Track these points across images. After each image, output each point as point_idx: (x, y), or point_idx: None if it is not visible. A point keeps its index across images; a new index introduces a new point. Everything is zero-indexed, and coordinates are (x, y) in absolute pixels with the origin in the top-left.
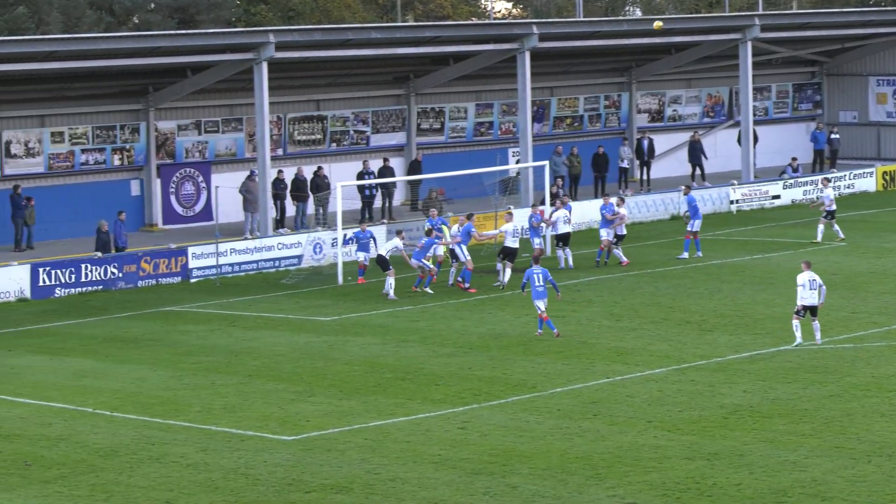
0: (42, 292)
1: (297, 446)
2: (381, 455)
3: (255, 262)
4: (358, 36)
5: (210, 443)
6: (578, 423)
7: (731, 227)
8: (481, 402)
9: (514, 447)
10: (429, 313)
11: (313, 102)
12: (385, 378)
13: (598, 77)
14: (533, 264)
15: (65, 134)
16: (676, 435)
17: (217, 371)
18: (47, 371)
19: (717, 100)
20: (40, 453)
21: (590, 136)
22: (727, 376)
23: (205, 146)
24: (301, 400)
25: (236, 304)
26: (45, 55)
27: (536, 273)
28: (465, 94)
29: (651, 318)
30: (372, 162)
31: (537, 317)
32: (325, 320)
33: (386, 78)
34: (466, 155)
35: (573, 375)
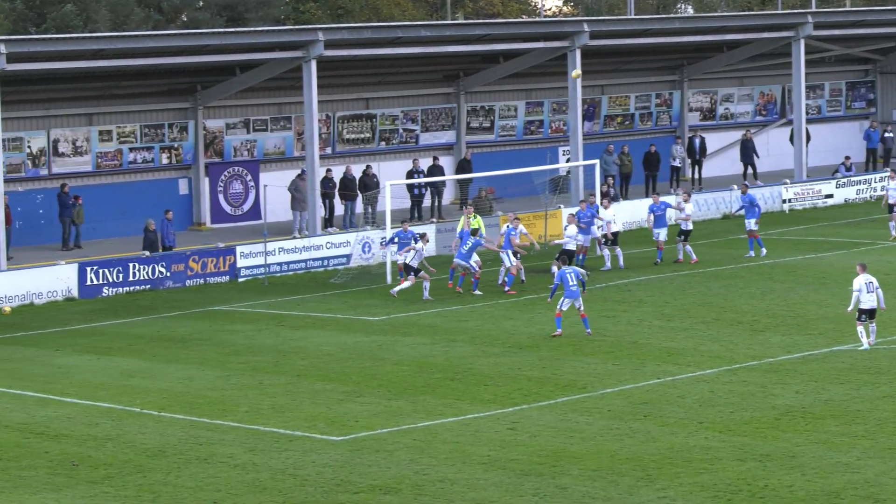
0: (89, 291)
1: (346, 447)
2: (429, 456)
3: (303, 261)
4: (407, 34)
5: (258, 443)
6: (629, 423)
7: (784, 226)
8: (531, 403)
9: (563, 448)
10: (478, 313)
11: (362, 101)
12: (434, 378)
13: (650, 75)
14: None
15: (113, 132)
16: (728, 436)
17: (265, 371)
18: (94, 371)
19: (770, 98)
20: (87, 453)
21: (641, 135)
22: (779, 377)
23: (253, 145)
24: (349, 400)
25: (284, 303)
26: (93, 53)
27: (569, 273)
28: (516, 92)
29: (702, 318)
30: (422, 160)
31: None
32: (373, 320)
33: (435, 76)
34: (516, 153)
35: (624, 376)
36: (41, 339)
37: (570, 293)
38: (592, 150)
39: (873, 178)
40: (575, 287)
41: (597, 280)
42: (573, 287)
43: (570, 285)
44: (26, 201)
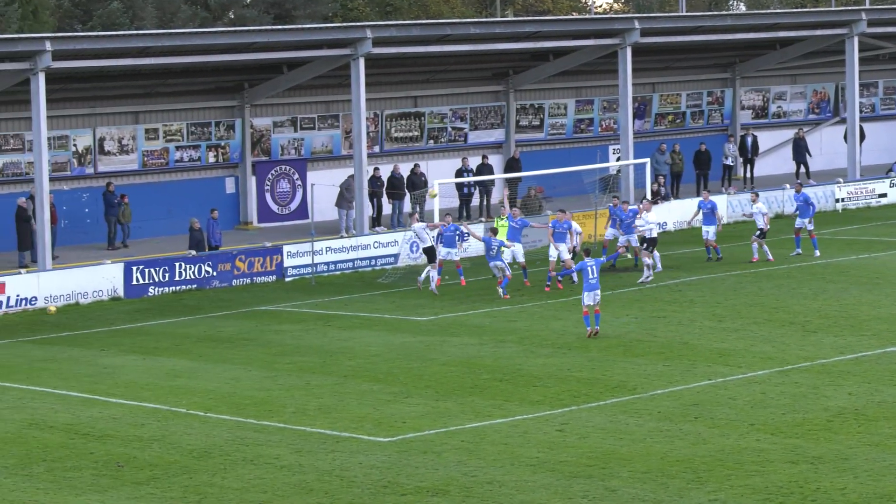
0: (135, 291)
1: (393, 448)
2: (477, 457)
3: (350, 260)
4: (456, 31)
5: (304, 444)
6: (679, 425)
7: (837, 225)
8: (580, 404)
9: (613, 450)
10: (527, 313)
11: (411, 99)
12: (482, 379)
13: (701, 73)
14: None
15: (159, 131)
16: (779, 438)
17: (312, 371)
18: (140, 371)
19: (823, 96)
20: (133, 454)
21: (692, 133)
22: (832, 378)
23: (300, 143)
24: (397, 401)
25: (332, 303)
26: (140, 51)
27: (590, 265)
28: (565, 90)
29: (754, 319)
30: (471, 159)
31: (583, 313)
32: (421, 320)
33: (484, 74)
34: (566, 152)
35: (674, 377)
36: (87, 339)
37: (588, 286)
38: (643, 148)
39: None
40: (594, 280)
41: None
42: (592, 280)
43: (590, 278)
44: (72, 200)
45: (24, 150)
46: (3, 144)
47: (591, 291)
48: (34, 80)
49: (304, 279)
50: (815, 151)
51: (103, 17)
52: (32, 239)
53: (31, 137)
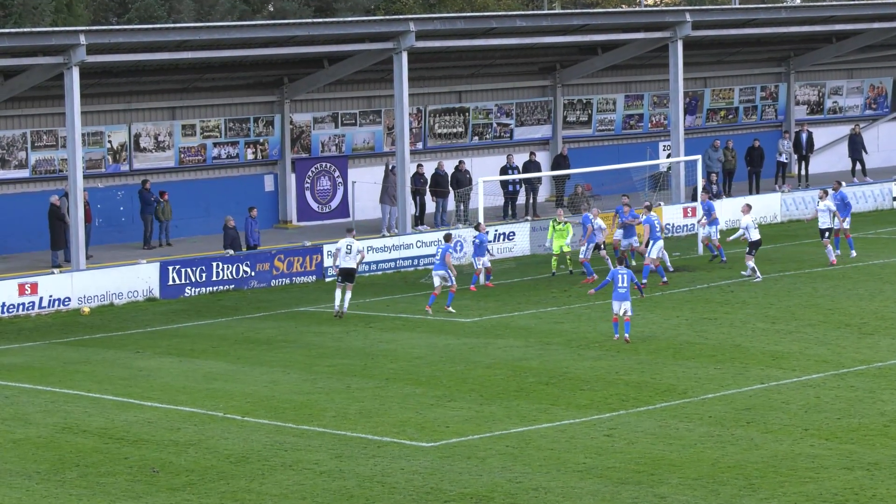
0: (171, 291)
1: (436, 453)
2: (523, 463)
3: (392, 260)
4: (502, 24)
5: (345, 449)
6: (731, 430)
7: (895, 224)
8: (628, 408)
9: (662, 455)
10: (573, 314)
11: (455, 94)
12: (528, 382)
13: (755, 67)
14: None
15: (196, 127)
16: (834, 443)
17: (353, 374)
18: (176, 373)
19: (881, 91)
20: (168, 459)
21: (745, 129)
22: (889, 382)
23: (342, 139)
24: (440, 405)
25: (373, 304)
26: (177, 44)
27: (622, 274)
28: (614, 84)
29: (808, 321)
30: (516, 156)
31: (612, 320)
32: (465, 321)
33: (531, 68)
34: (615, 149)
35: (725, 380)
36: (121, 340)
37: (617, 295)
38: (694, 145)
39: None
40: (624, 290)
41: (698, 280)
42: (622, 289)
43: (619, 287)
44: (107, 198)
45: (58, 147)
46: (37, 141)
47: (620, 301)
48: (68, 74)
49: None
50: (871, 148)
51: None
52: (66, 238)
53: (64, 134)
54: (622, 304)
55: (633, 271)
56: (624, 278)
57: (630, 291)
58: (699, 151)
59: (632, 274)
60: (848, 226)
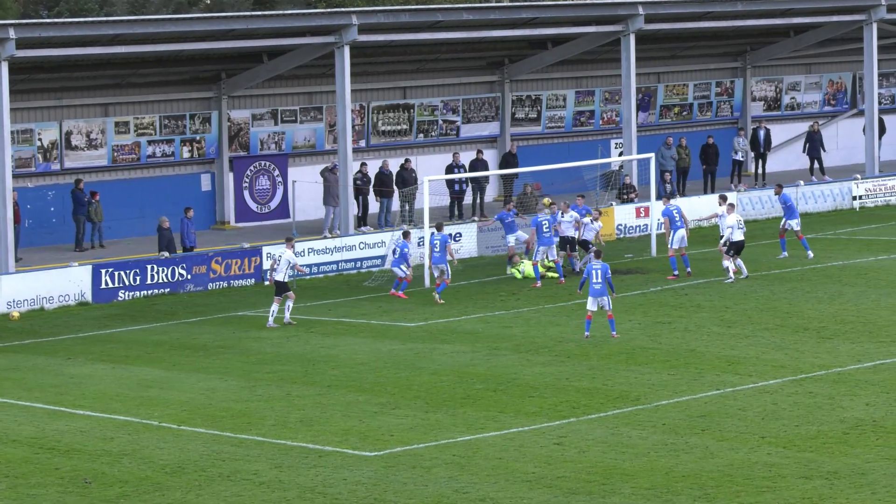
0: (104, 295)
1: (380, 463)
2: (470, 473)
3: (334, 262)
4: (448, 17)
5: (285, 459)
6: (685, 438)
7: (854, 225)
8: (579, 416)
9: (614, 464)
10: (522, 319)
11: (399, 90)
12: (475, 389)
13: (710, 62)
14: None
15: (130, 124)
16: (792, 452)
17: (293, 381)
18: (109, 381)
19: (840, 86)
20: (101, 470)
21: (700, 126)
22: (848, 388)
23: (281, 137)
24: (384, 412)
25: (314, 308)
26: (110, 39)
27: (596, 269)
28: (564, 80)
29: (765, 325)
30: (463, 154)
31: (586, 317)
32: (410, 326)
33: (478, 63)
34: (565, 147)
35: (680, 387)
36: (52, 346)
37: (593, 291)
38: (647, 142)
39: None
40: (599, 285)
41: (652, 283)
42: (597, 285)
43: (595, 282)
44: (37, 198)
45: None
46: None
47: (595, 297)
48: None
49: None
50: (830, 146)
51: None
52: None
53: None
54: (598, 300)
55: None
56: (598, 273)
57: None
58: (652, 149)
59: (606, 268)
60: (798, 227)
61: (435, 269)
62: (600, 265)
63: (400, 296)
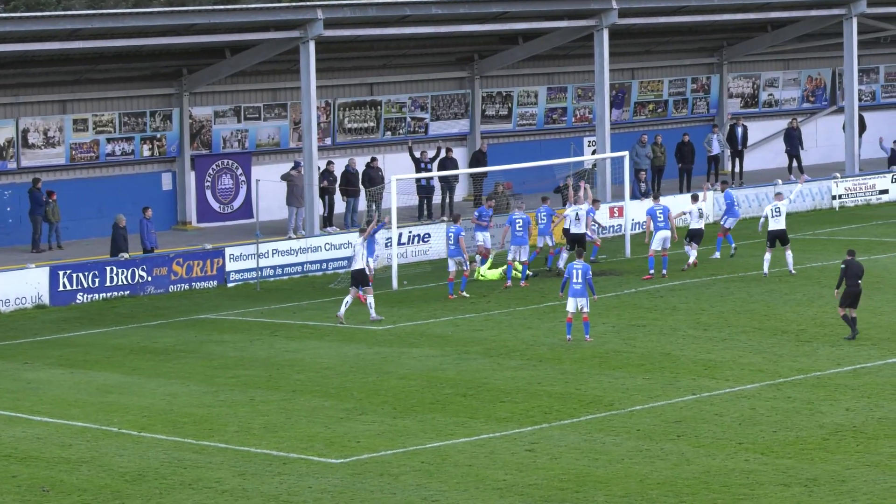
0: (62, 298)
1: (346, 470)
2: (439, 480)
3: (299, 264)
4: (416, 12)
5: (248, 466)
6: (660, 444)
7: (833, 225)
8: (551, 422)
9: (588, 471)
10: (493, 322)
11: (366, 86)
12: (444, 394)
13: (685, 57)
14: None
15: (89, 121)
16: (770, 458)
17: (257, 386)
18: (68, 386)
19: (819, 83)
20: (59, 478)
21: (675, 124)
22: (828, 392)
23: (245, 135)
24: (350, 418)
25: (279, 311)
26: (68, 34)
27: (577, 268)
28: (536, 76)
29: (742, 328)
30: (431, 152)
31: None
32: (377, 329)
33: (447, 59)
34: (537, 144)
35: (655, 391)
36: (8, 350)
37: (572, 291)
38: (621, 140)
39: None
40: (579, 285)
41: (626, 285)
42: (577, 285)
43: (574, 282)
44: None
45: None
46: None
47: (575, 298)
48: None
49: (248, 285)
50: (809, 144)
51: None
52: None
53: None
54: (577, 301)
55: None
56: (578, 274)
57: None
58: (626, 147)
59: (587, 269)
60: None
61: (452, 262)
62: (581, 265)
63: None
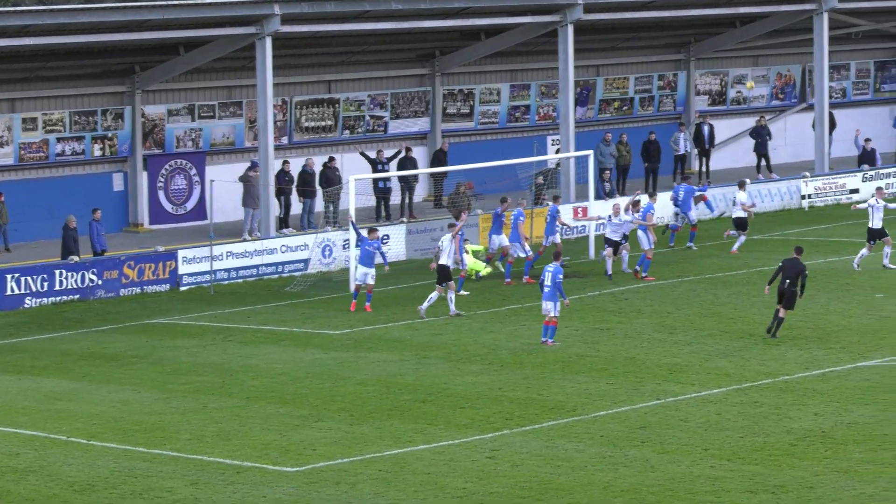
0: (10, 302)
1: (302, 478)
2: (397, 489)
3: (254, 266)
4: (376, 7)
5: (201, 475)
6: (624, 450)
7: (803, 225)
8: (513, 428)
9: (550, 479)
10: (453, 325)
11: (324, 84)
12: (403, 400)
13: (652, 54)
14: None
15: (38, 120)
16: (737, 464)
17: (210, 392)
18: (15, 393)
19: (788, 80)
20: (6, 487)
21: (641, 122)
22: (796, 397)
23: (199, 134)
24: (306, 425)
25: (233, 315)
26: (17, 30)
27: (548, 271)
28: (499, 73)
29: (709, 331)
30: (389, 151)
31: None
32: (334, 334)
33: (407, 55)
34: (499, 143)
35: (619, 396)
36: None
37: (543, 294)
38: (585, 139)
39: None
40: (548, 289)
41: (590, 287)
42: (546, 288)
43: (545, 285)
44: None
45: None
46: None
47: (544, 301)
48: None
49: (201, 288)
50: (778, 142)
51: None
52: None
53: None
54: (545, 303)
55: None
56: (548, 276)
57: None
58: (591, 146)
59: (557, 272)
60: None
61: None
62: (553, 268)
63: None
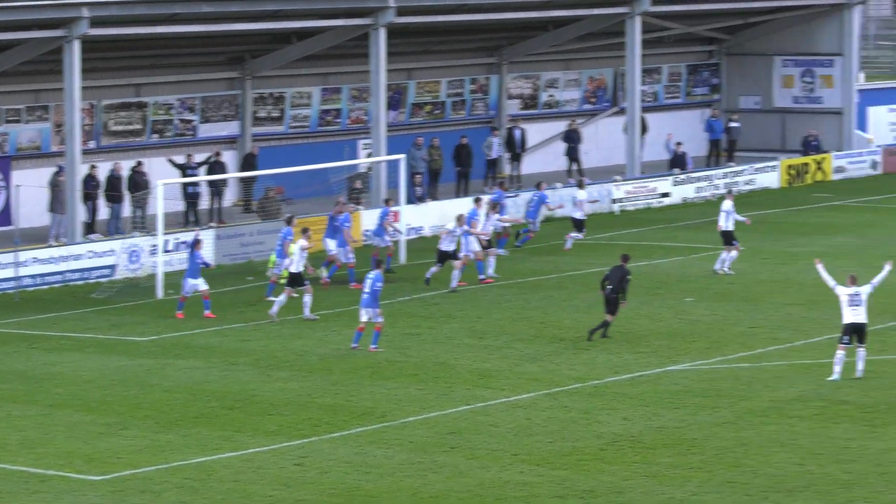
0: None
1: (107, 487)
2: (203, 497)
3: (60, 272)
4: (186, 10)
5: (4, 484)
6: (434, 456)
7: (614, 229)
8: (321, 434)
9: (358, 485)
10: (262, 332)
11: (132, 87)
12: (209, 407)
13: (464, 57)
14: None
15: None
16: (546, 469)
17: (13, 400)
18: None
19: (600, 83)
20: None
21: (453, 126)
22: (605, 402)
23: (5, 138)
24: (111, 433)
25: (37, 321)
26: None
27: (369, 278)
28: (310, 76)
29: (519, 335)
30: (200, 156)
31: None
32: (140, 340)
33: (218, 59)
34: (310, 147)
35: (428, 402)
36: None
37: (363, 300)
38: (398, 143)
39: (715, 173)
40: (366, 296)
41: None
42: (365, 294)
43: (365, 291)
44: None
45: None
46: None
47: (364, 308)
48: None
49: (6, 294)
50: (590, 146)
51: None
52: None
53: None
54: (366, 310)
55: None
56: (368, 283)
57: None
58: (403, 150)
59: (377, 279)
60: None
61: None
62: (374, 275)
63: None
